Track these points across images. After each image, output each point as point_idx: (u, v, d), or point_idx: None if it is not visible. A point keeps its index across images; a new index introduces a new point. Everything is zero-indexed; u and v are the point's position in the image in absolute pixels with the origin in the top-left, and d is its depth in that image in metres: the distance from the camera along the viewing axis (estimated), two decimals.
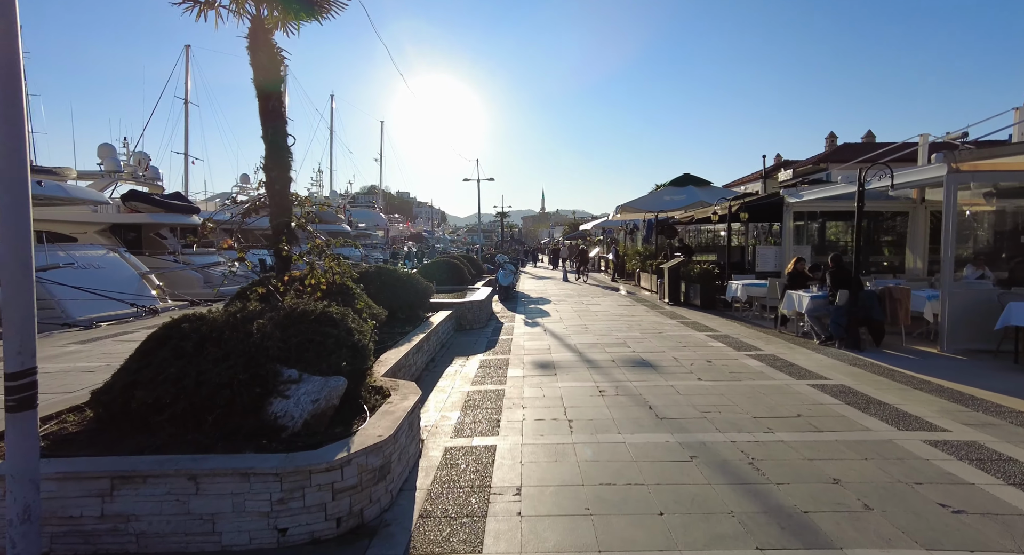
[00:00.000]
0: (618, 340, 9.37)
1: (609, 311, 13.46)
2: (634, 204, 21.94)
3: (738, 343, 8.84)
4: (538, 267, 38.53)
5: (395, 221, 79.60)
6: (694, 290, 13.76)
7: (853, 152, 33.32)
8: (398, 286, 9.26)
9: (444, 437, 4.77)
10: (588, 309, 13.96)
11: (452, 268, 15.97)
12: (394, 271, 9.54)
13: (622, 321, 11.67)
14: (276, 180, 5.38)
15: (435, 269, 15.65)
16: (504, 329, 10.96)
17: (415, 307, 9.63)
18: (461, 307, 11.00)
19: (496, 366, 7.56)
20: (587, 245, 46.60)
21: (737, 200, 12.99)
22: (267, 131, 5.31)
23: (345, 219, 52.57)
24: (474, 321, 11.14)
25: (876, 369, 6.94)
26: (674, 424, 4.95)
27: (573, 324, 11.39)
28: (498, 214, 45.38)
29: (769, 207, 13.10)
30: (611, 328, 10.74)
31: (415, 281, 9.74)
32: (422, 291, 9.75)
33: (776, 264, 12.92)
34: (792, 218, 12.47)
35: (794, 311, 9.25)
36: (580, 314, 12.97)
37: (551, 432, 4.81)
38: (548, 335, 10.08)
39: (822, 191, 11.34)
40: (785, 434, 4.64)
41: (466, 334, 10.47)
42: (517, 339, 9.72)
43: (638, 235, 28.71)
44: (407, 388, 4.68)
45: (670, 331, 10.22)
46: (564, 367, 7.38)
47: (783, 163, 40.11)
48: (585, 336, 9.86)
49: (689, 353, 8.13)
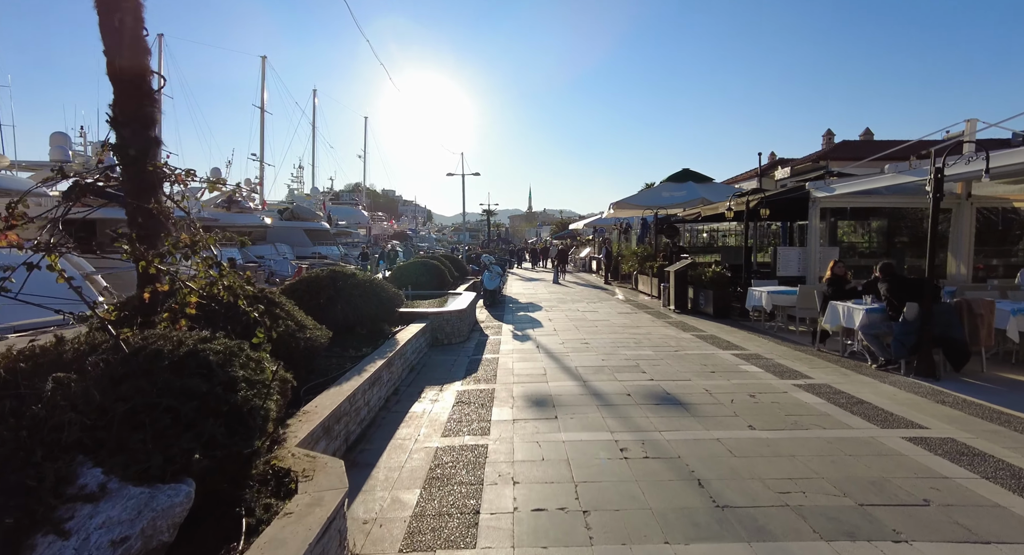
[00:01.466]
0: (628, 361, 7.67)
1: (609, 320, 11.77)
2: (630, 201, 20.28)
3: (777, 367, 7.18)
4: (522, 268, 36.78)
5: (378, 219, 77.36)
6: (705, 296, 12.12)
7: (853, 149, 32.13)
8: (358, 295, 7.45)
9: (391, 548, 3.00)
10: (585, 318, 12.26)
11: (431, 270, 14.16)
12: (353, 276, 7.72)
13: (627, 334, 9.97)
14: (131, 139, 3.55)
15: (411, 271, 13.82)
16: (489, 344, 9.20)
17: (380, 320, 7.83)
18: (438, 318, 9.21)
19: (477, 402, 5.79)
20: (577, 245, 45.04)
21: (755, 195, 11.40)
22: (112, 51, 3.49)
23: (324, 216, 50.44)
24: (453, 334, 9.36)
25: (978, 410, 5.31)
26: (746, 520, 3.23)
27: (570, 338, 9.66)
28: (484, 212, 43.54)
29: (789, 203, 11.51)
30: (616, 343, 9.04)
31: (380, 289, 7.93)
32: (388, 300, 7.95)
33: (800, 268, 11.33)
34: (819, 215, 10.88)
35: (840, 326, 7.63)
36: (577, 324, 11.26)
37: (558, 539, 3.07)
38: (542, 353, 8.35)
39: (858, 183, 9.76)
40: (929, 546, 2.95)
41: (443, 351, 8.69)
42: (504, 359, 7.97)
43: (632, 234, 27.17)
44: (329, 476, 2.90)
45: (688, 348, 8.54)
46: (566, 404, 5.64)
47: (778, 161, 38.91)
48: (587, 355, 8.15)
49: (722, 381, 6.45)
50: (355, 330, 7.57)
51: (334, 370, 5.46)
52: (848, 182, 10.13)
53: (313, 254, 41.94)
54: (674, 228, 18.49)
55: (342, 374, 5.24)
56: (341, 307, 7.18)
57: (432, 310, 9.43)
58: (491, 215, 42.39)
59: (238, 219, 37.56)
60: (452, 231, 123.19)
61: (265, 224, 39.81)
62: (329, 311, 7.07)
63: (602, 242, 27.32)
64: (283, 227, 42.68)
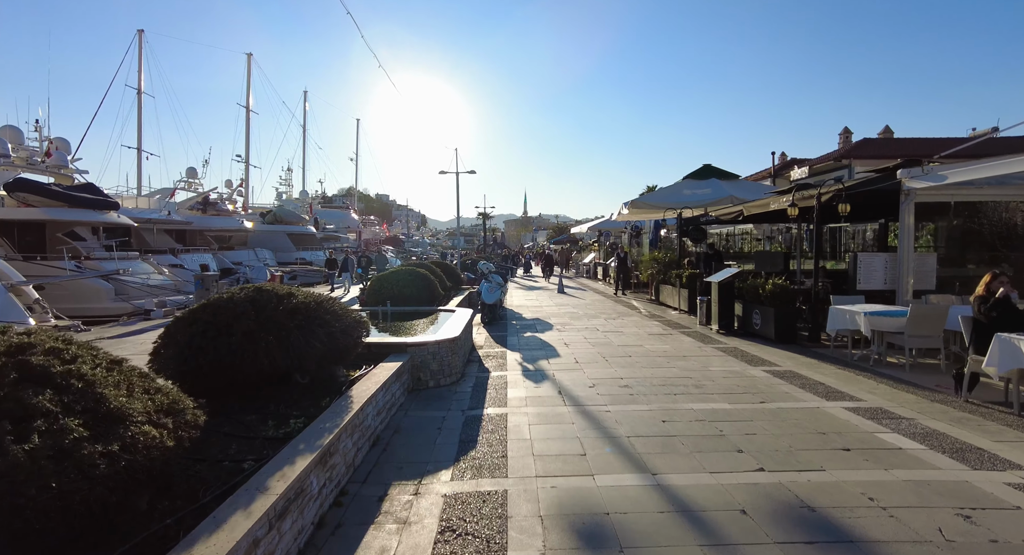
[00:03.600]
0: (701, 423, 5.14)
1: (643, 346, 9.24)
2: (648, 200, 17.88)
3: (943, 440, 4.65)
4: (527, 276, 34.16)
5: (370, 223, 74.78)
6: (762, 316, 9.63)
7: (876, 147, 29.96)
8: (295, 327, 4.89)
9: None
10: (609, 341, 9.74)
11: (418, 280, 11.59)
12: (291, 296, 5.15)
13: (676, 369, 7.45)
14: None
15: (393, 282, 11.26)
16: (491, 388, 6.65)
17: (330, 362, 5.28)
18: (421, 351, 6.66)
19: (480, 530, 3.25)
20: (577, 250, 42.60)
21: (828, 188, 8.93)
22: None
23: (310, 220, 47.73)
24: (442, 373, 6.81)
25: None
26: None
27: (600, 374, 7.14)
28: (479, 215, 40.98)
29: (868, 196, 9.02)
30: (669, 386, 6.52)
31: (331, 315, 5.36)
32: (343, 332, 5.37)
33: (887, 279, 8.88)
34: (912, 211, 8.43)
35: (1015, 370, 5.14)
36: (602, 351, 8.73)
37: None
38: (568, 406, 5.81)
39: (982, 167, 7.31)
40: None
41: (426, 402, 6.14)
42: (516, 418, 5.42)
43: (644, 238, 24.73)
44: None
45: (776, 397, 6.03)
46: (638, 541, 3.11)
47: (790, 162, 36.78)
48: (636, 410, 5.62)
49: (877, 474, 3.94)
50: (291, 378, 5.03)
51: (219, 478, 2.92)
52: (963, 167, 7.67)
53: (297, 260, 39.24)
54: (701, 230, 16.04)
55: (231, 491, 2.70)
56: (267, 346, 4.63)
57: (413, 340, 6.85)
58: (487, 218, 39.87)
59: (214, 222, 34.88)
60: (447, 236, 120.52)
61: (245, 228, 37.12)
62: (248, 353, 4.53)
63: (611, 247, 24.86)
64: (265, 231, 40.02)
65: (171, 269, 24.77)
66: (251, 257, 35.03)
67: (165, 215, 28.39)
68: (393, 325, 9.16)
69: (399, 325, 9.08)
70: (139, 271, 21.85)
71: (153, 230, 29.81)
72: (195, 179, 36.55)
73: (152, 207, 28.80)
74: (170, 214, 28.82)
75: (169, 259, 26.50)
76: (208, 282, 15.66)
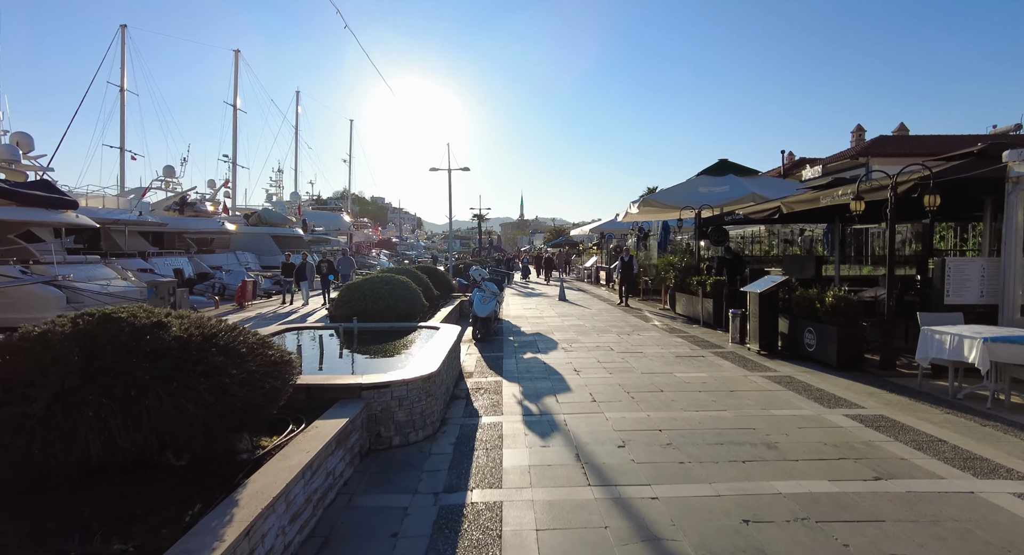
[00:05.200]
0: (826, 539, 3.25)
1: (675, 374, 7.36)
2: (659, 198, 15.97)
3: None
4: (517, 282, 32.19)
5: (362, 226, 72.80)
6: (819, 335, 7.77)
7: (894, 145, 28.32)
8: (160, 376, 2.99)
9: None
10: (630, 366, 7.86)
11: (396, 290, 9.65)
12: (158, 328, 3.24)
13: (731, 414, 5.56)
14: None
15: (363, 294, 9.33)
16: (479, 451, 4.72)
17: (228, 427, 3.37)
18: (380, 397, 4.74)
19: None
20: (576, 253, 40.75)
21: (906, 178, 7.07)
22: None
23: (298, 222, 45.73)
24: (412, 426, 4.90)
25: None
26: None
27: (631, 424, 5.25)
28: (474, 216, 39.08)
29: (956, 186, 7.15)
30: (734, 449, 4.62)
31: (232, 355, 3.43)
32: (246, 383, 3.43)
33: (984, 291, 7.03)
34: (1021, 204, 6.59)
35: None
36: (627, 384, 6.84)
37: None
38: (595, 489, 3.91)
39: None
40: None
41: (383, 477, 4.22)
42: (515, 514, 3.52)
43: (652, 240, 22.88)
44: None
45: (900, 471, 4.14)
46: None
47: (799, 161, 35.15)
48: (697, 498, 3.72)
49: None
50: (162, 458, 3.13)
51: None
52: None
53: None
54: (722, 232, 14.21)
55: None
56: (100, 417, 2.73)
57: (370, 380, 4.90)
58: (482, 219, 37.97)
59: (192, 224, 32.78)
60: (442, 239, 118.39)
61: (227, 230, 35.01)
62: (62, 431, 2.63)
63: (615, 250, 23.00)
64: (248, 234, 37.92)
65: (140, 274, 22.83)
66: (232, 261, 33.00)
67: (136, 216, 26.35)
68: (357, 350, 7.25)
69: (366, 350, 7.18)
70: (99, 276, 19.83)
71: (124, 232, 27.81)
72: (173, 178, 34.52)
73: (122, 207, 26.74)
74: (142, 214, 26.78)
75: (138, 263, 24.48)
76: (163, 290, 13.71)
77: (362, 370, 5.92)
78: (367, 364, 6.33)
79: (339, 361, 6.64)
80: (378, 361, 6.45)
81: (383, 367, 6.07)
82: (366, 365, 6.26)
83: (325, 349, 7.32)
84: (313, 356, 7.01)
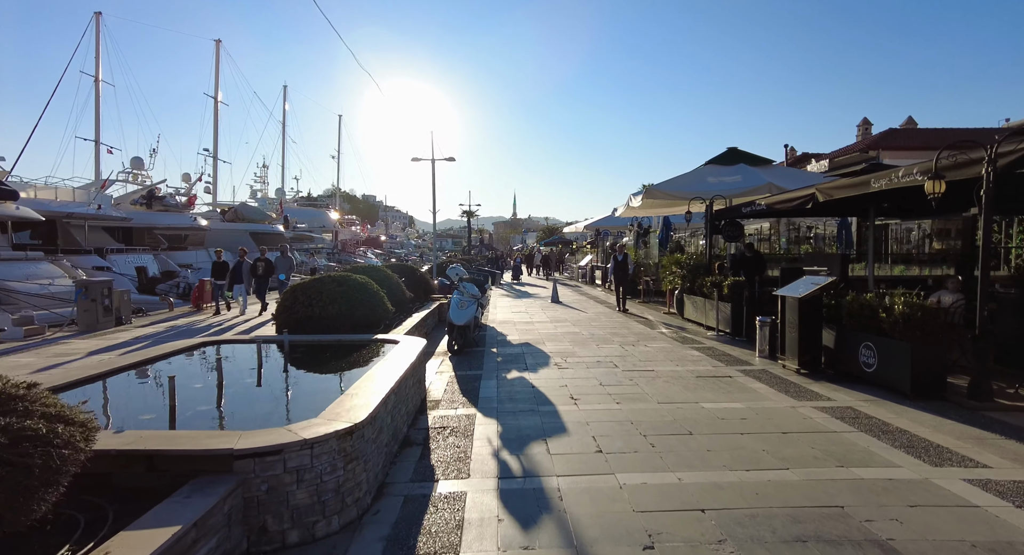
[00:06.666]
0: None
1: (702, 405, 5.66)
2: (664, 188, 14.18)
3: None
4: (507, 282, 30.40)
5: (350, 223, 70.71)
6: (881, 352, 6.09)
7: (905, 138, 27.01)
8: None
9: None
10: (642, 392, 6.15)
11: (353, 292, 7.84)
12: None
13: (798, 477, 3.86)
14: None
15: (311, 299, 7.51)
16: None
17: None
18: (266, 471, 2.98)
19: None
20: (570, 252, 39.04)
21: (1012, 148, 5.43)
22: None
23: (278, 218, 43.68)
24: (319, 511, 3.14)
25: None
26: None
27: (658, 496, 3.52)
28: (464, 213, 37.22)
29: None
30: (812, 541, 2.92)
31: None
32: None
33: None
34: None
35: None
36: (641, 422, 5.12)
37: None
38: None
39: None
40: None
41: None
42: None
43: (652, 237, 21.17)
44: None
45: None
46: None
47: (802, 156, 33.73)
48: None
49: None
50: None
51: None
52: None
53: None
54: (737, 226, 12.56)
55: None
56: None
57: (250, 444, 3.03)
58: (471, 216, 36.14)
59: (160, 219, 30.66)
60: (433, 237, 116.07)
61: (199, 226, 32.93)
62: None
63: (612, 248, 21.28)
64: (223, 230, 35.76)
65: (95, 272, 20.87)
66: (204, 258, 30.99)
67: (94, 209, 24.29)
68: (270, 381, 5.41)
69: (286, 379, 5.38)
70: (40, 275, 17.90)
71: (84, 226, 25.77)
72: (141, 170, 32.42)
73: (78, 200, 24.68)
74: (101, 208, 24.72)
75: (94, 261, 22.51)
76: (95, 292, 11.80)
77: (263, 416, 4.12)
78: (271, 406, 4.50)
79: (235, 400, 4.68)
80: (296, 399, 4.66)
81: (301, 409, 4.30)
82: (269, 409, 4.43)
83: (226, 379, 5.29)
84: (193, 394, 4.61)
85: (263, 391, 4.88)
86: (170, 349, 5.55)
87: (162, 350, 5.42)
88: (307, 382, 5.18)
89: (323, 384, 5.02)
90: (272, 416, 4.06)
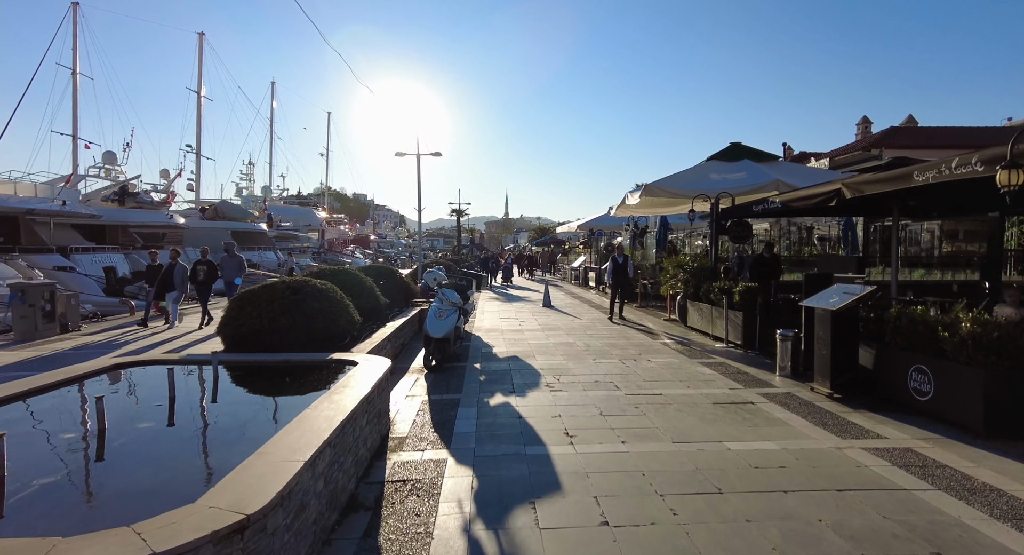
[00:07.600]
0: None
1: (726, 445, 4.60)
2: (666, 185, 13.11)
3: None
4: (496, 284, 29.25)
5: (337, 222, 69.23)
6: (942, 379, 5.06)
7: (907, 136, 26.30)
8: None
9: None
10: (652, 426, 5.08)
11: (311, 300, 6.70)
12: None
13: None
14: None
15: (261, 309, 6.37)
16: None
17: None
18: None
19: None
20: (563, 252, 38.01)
21: None
22: None
23: (262, 215, 42.28)
24: None
25: None
26: None
27: None
28: (453, 212, 36.03)
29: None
30: None
31: None
32: None
33: None
34: None
35: None
36: (655, 472, 4.04)
37: None
38: None
39: None
40: None
41: None
42: None
43: (649, 238, 20.16)
44: None
45: None
46: None
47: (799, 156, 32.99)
48: None
49: None
50: None
51: None
52: None
53: None
54: (745, 226, 11.55)
55: None
56: None
57: None
58: (460, 215, 34.97)
59: (133, 216, 29.19)
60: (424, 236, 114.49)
61: (175, 224, 31.48)
62: None
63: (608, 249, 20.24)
64: (202, 228, 34.28)
65: (55, 273, 19.51)
66: (183, 258, 29.63)
67: (58, 205, 22.87)
68: (176, 424, 4.22)
69: (200, 420, 4.21)
70: None
71: (50, 223, 24.35)
72: (114, 165, 30.95)
73: (41, 195, 23.24)
74: (66, 204, 23.29)
75: (55, 260, 21.12)
76: (34, 296, 10.54)
77: (129, 493, 2.92)
78: (148, 474, 3.18)
79: (106, 464, 3.18)
80: (190, 459, 3.49)
81: (190, 477, 3.14)
82: (143, 477, 3.09)
83: (109, 424, 3.58)
84: (45, 454, 3.30)
85: (151, 444, 3.55)
86: (61, 376, 4.38)
87: (48, 378, 4.25)
88: (221, 427, 4.00)
89: (239, 431, 3.86)
90: (140, 495, 2.85)
